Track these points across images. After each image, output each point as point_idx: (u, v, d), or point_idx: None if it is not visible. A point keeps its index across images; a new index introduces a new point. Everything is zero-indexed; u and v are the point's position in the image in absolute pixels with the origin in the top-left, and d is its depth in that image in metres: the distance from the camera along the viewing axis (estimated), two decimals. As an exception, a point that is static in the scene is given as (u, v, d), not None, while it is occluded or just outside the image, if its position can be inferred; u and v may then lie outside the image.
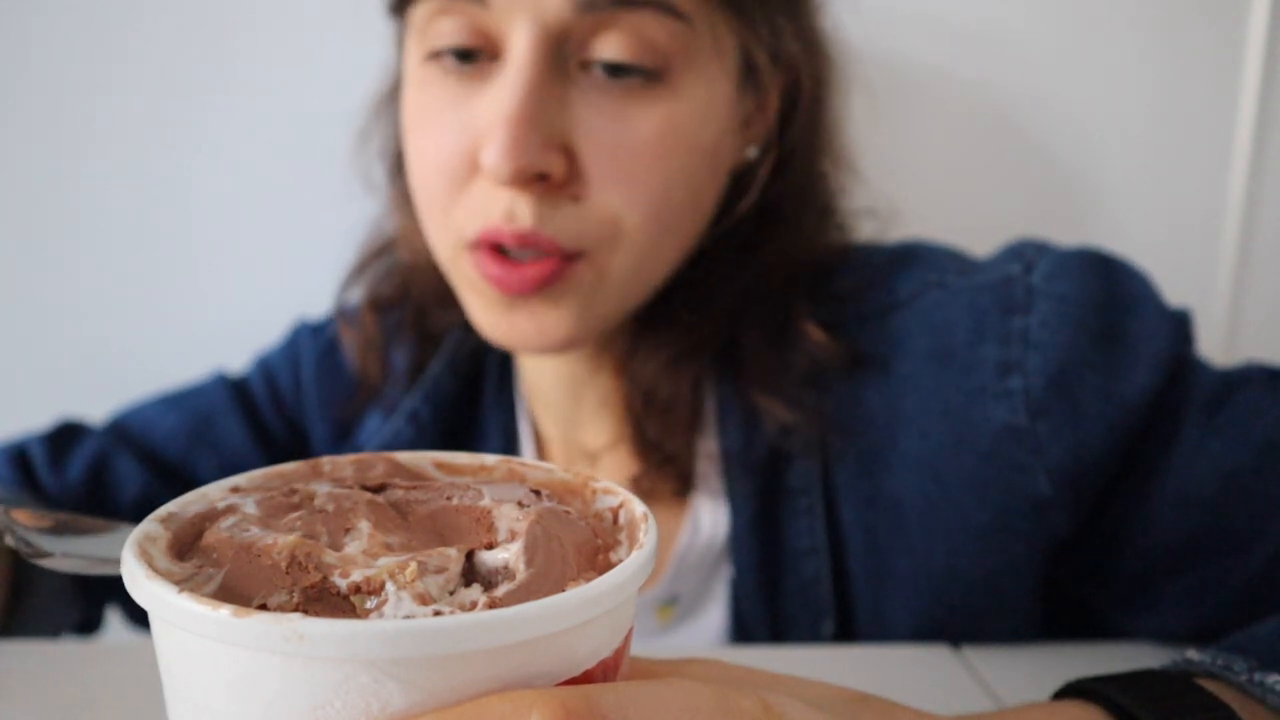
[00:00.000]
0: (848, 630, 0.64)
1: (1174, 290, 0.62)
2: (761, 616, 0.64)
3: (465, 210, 0.57)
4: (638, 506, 0.34)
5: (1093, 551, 0.59)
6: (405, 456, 0.38)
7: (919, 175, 0.87)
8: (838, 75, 0.68)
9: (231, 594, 0.28)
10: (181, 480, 0.74)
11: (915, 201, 0.74)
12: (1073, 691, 0.41)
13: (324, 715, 0.26)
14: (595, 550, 0.32)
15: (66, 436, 0.74)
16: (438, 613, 0.27)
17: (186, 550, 0.31)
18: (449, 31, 0.56)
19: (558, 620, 0.27)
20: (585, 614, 0.28)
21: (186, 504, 0.33)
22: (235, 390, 0.78)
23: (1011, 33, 0.92)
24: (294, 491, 0.34)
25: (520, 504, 0.33)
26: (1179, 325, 0.59)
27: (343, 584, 0.28)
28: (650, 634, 0.68)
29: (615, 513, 0.35)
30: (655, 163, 0.56)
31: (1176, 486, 0.56)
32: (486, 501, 0.33)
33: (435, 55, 0.57)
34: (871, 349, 0.62)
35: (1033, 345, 0.57)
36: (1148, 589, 0.58)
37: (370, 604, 0.28)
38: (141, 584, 0.28)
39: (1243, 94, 0.92)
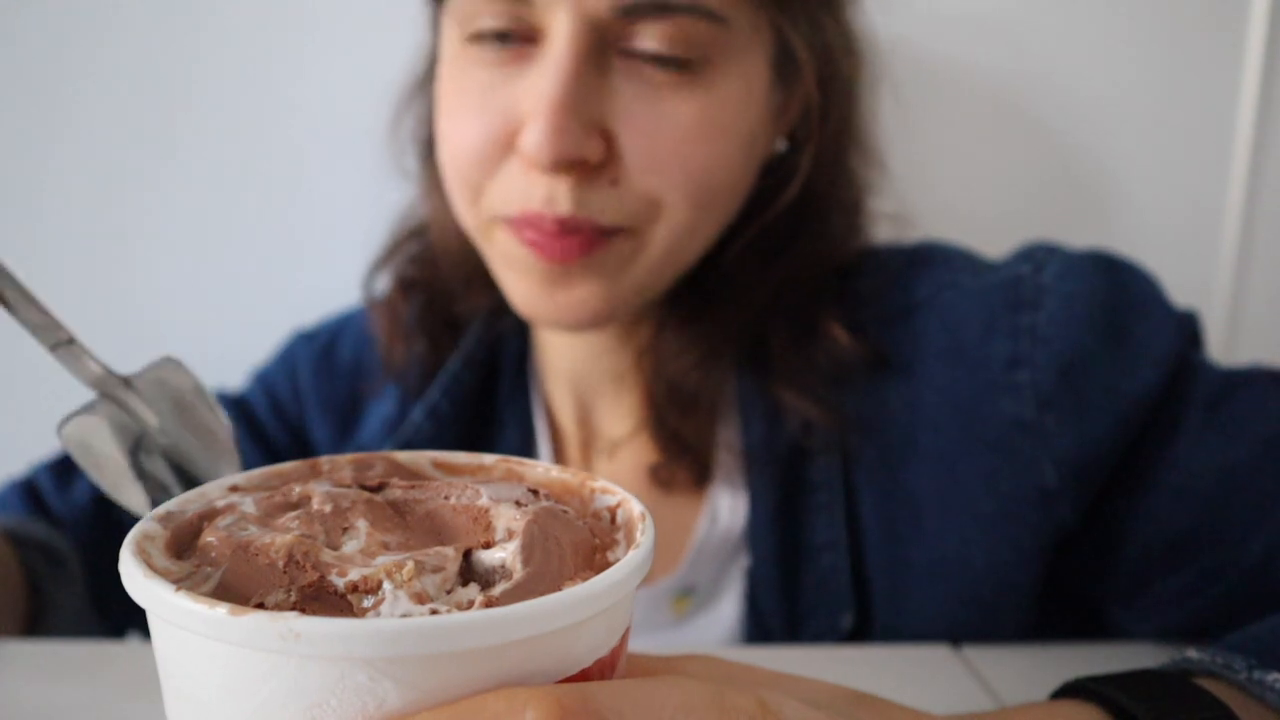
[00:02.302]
0: (864, 623, 0.64)
1: (1174, 290, 0.62)
2: (778, 609, 0.64)
3: (500, 192, 0.58)
4: (635, 506, 0.34)
5: (1095, 543, 0.60)
6: (404, 456, 0.39)
7: (922, 172, 0.87)
8: (868, 71, 0.69)
9: (229, 593, 0.28)
10: None
11: (921, 199, 0.75)
12: (1071, 691, 0.41)
13: (320, 714, 0.26)
14: (592, 549, 0.32)
15: (71, 461, 0.74)
16: (434, 611, 0.27)
17: (185, 549, 0.31)
18: (490, 16, 0.56)
19: (554, 619, 0.27)
20: (582, 613, 0.28)
21: (185, 503, 0.34)
22: (234, 406, 0.79)
23: (1008, 31, 0.92)
24: (292, 491, 0.34)
25: (518, 503, 0.33)
26: (1185, 326, 0.60)
27: (340, 583, 0.28)
28: (666, 626, 0.68)
29: (613, 512, 0.35)
30: (694, 148, 0.57)
31: (1176, 480, 0.56)
32: (484, 501, 0.33)
33: (476, 38, 0.58)
34: (893, 351, 0.63)
35: (1041, 340, 0.58)
36: (1147, 581, 0.58)
37: (367, 603, 0.28)
38: (139, 582, 0.28)
39: (1243, 94, 0.92)
